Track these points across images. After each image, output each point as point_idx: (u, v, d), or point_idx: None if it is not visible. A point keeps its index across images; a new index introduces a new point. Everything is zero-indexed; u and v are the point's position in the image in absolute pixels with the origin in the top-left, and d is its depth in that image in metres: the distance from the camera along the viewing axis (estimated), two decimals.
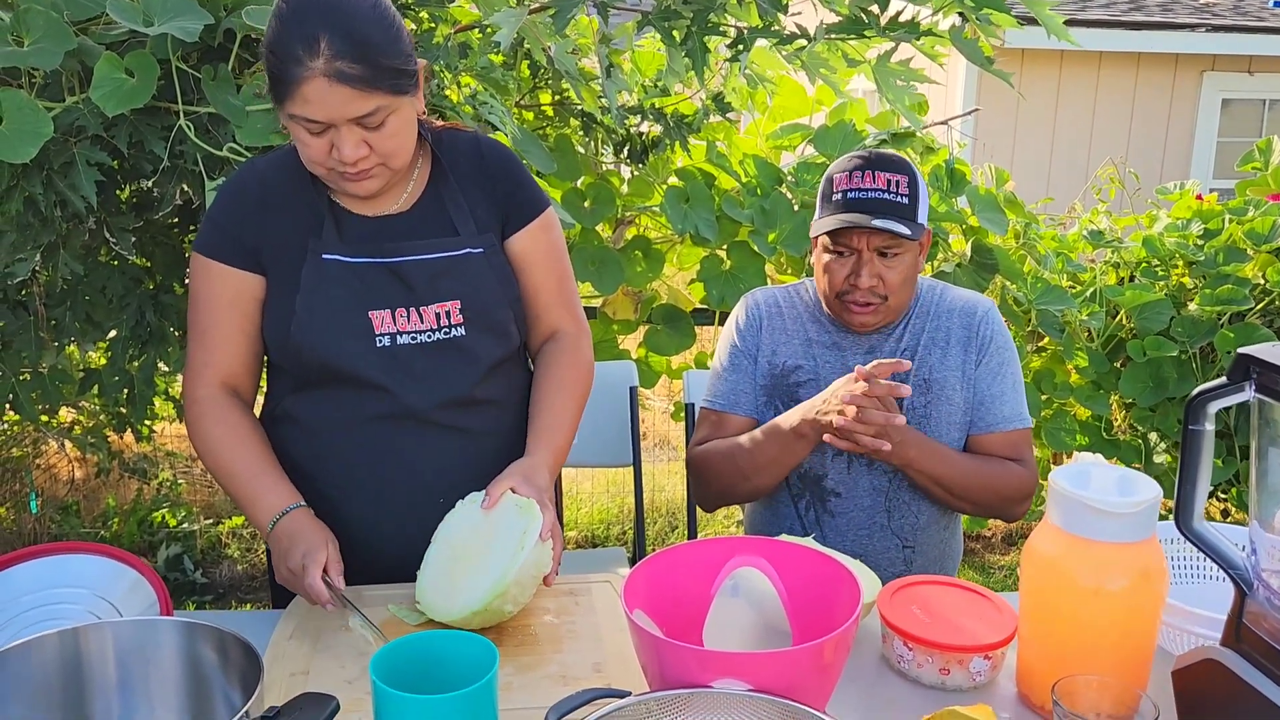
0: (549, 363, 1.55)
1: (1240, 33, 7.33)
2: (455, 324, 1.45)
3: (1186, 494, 1.12)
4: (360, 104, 1.28)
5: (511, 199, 1.51)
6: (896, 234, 1.64)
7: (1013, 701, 1.25)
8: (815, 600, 1.21)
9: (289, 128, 1.34)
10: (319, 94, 1.26)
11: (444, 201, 1.47)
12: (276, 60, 1.27)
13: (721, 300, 2.83)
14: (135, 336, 2.45)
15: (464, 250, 1.46)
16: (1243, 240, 3.13)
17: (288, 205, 1.44)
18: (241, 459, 1.44)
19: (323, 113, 1.28)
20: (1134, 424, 3.28)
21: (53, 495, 3.79)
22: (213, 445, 1.45)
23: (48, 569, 1.29)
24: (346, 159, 1.31)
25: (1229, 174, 6.81)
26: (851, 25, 1.84)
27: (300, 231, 1.43)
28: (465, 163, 1.49)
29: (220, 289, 1.44)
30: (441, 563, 1.35)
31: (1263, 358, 1.01)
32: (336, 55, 1.25)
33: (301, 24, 1.25)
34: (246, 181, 1.46)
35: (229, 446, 1.44)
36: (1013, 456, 1.76)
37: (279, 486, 1.43)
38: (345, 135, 1.30)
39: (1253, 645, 1.05)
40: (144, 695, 1.01)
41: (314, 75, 1.25)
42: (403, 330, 1.43)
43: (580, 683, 1.22)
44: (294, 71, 1.25)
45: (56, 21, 1.61)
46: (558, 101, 2.78)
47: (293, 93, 1.27)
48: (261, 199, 1.44)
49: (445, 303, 1.44)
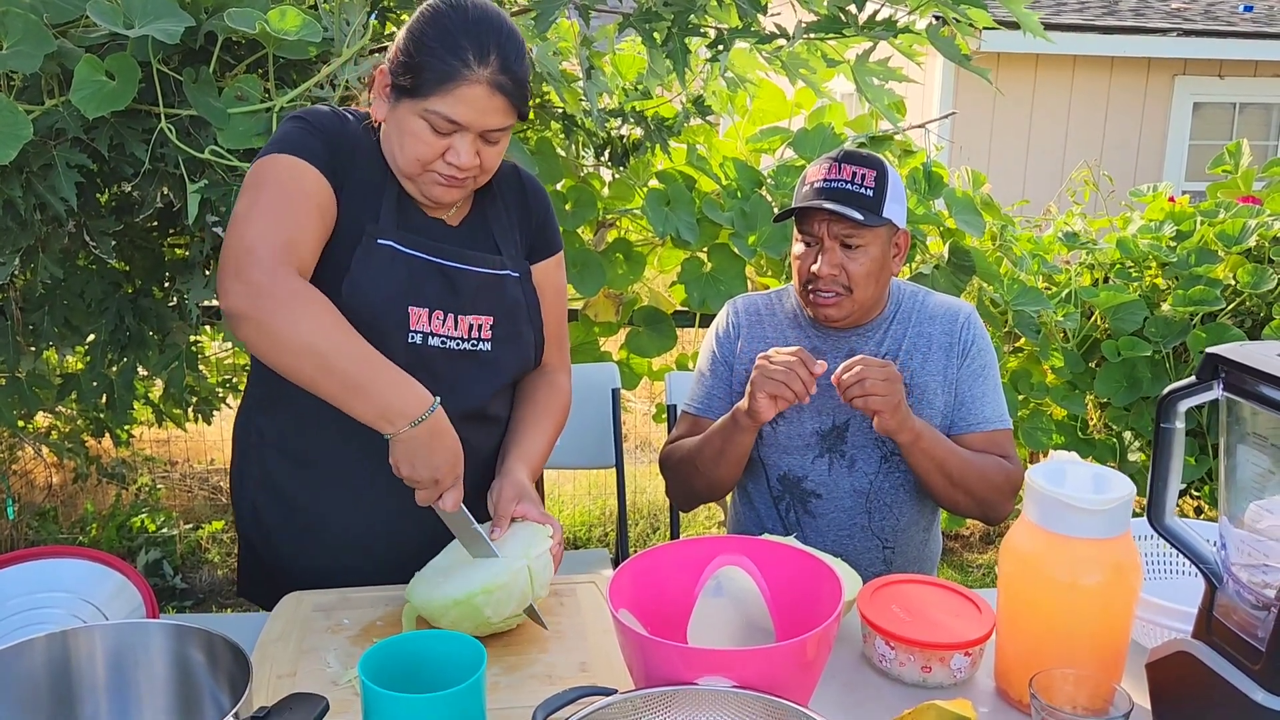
0: (534, 390, 1.59)
1: (1211, 37, 7.44)
2: (484, 339, 1.47)
3: (1158, 491, 1.14)
4: (502, 118, 1.34)
5: (540, 231, 1.57)
6: (848, 218, 1.66)
7: (991, 696, 1.27)
8: (797, 598, 1.23)
9: (406, 123, 1.33)
10: (477, 99, 1.30)
11: (489, 222, 1.51)
12: (437, 55, 1.29)
13: (702, 302, 2.85)
14: (114, 341, 2.44)
15: (505, 271, 1.50)
16: (1214, 242, 3.18)
17: (364, 167, 1.41)
18: (365, 345, 1.27)
19: (468, 117, 1.31)
20: (1109, 423, 3.33)
21: (30, 501, 3.75)
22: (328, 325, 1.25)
23: (32, 574, 1.29)
24: (463, 164, 1.34)
25: (1201, 176, 6.90)
26: (830, 24, 1.86)
27: (365, 203, 1.40)
28: (510, 191, 1.55)
29: (313, 189, 1.33)
30: (441, 563, 1.37)
31: (1230, 357, 1.04)
32: (503, 69, 1.31)
33: (476, 32, 1.30)
34: (344, 124, 1.41)
35: (348, 331, 1.27)
36: (997, 454, 1.77)
37: (413, 383, 1.28)
38: (469, 142, 1.34)
39: (1222, 637, 1.07)
40: (133, 698, 1.01)
41: (479, 81, 1.30)
42: (435, 332, 1.43)
43: (566, 682, 1.23)
44: (458, 71, 1.29)
45: (36, 24, 1.61)
46: (539, 104, 2.79)
47: (446, 91, 1.30)
48: (353, 142, 1.40)
49: (481, 316, 1.46)
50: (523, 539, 1.36)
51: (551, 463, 2.47)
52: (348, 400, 1.26)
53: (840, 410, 1.77)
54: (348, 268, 1.38)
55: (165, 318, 2.48)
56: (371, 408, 1.26)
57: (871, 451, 1.77)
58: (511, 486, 1.43)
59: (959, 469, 1.69)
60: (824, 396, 1.78)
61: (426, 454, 1.28)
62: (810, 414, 1.78)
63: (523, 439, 1.52)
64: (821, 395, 1.78)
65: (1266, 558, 1.04)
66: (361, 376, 1.25)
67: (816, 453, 1.78)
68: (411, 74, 1.32)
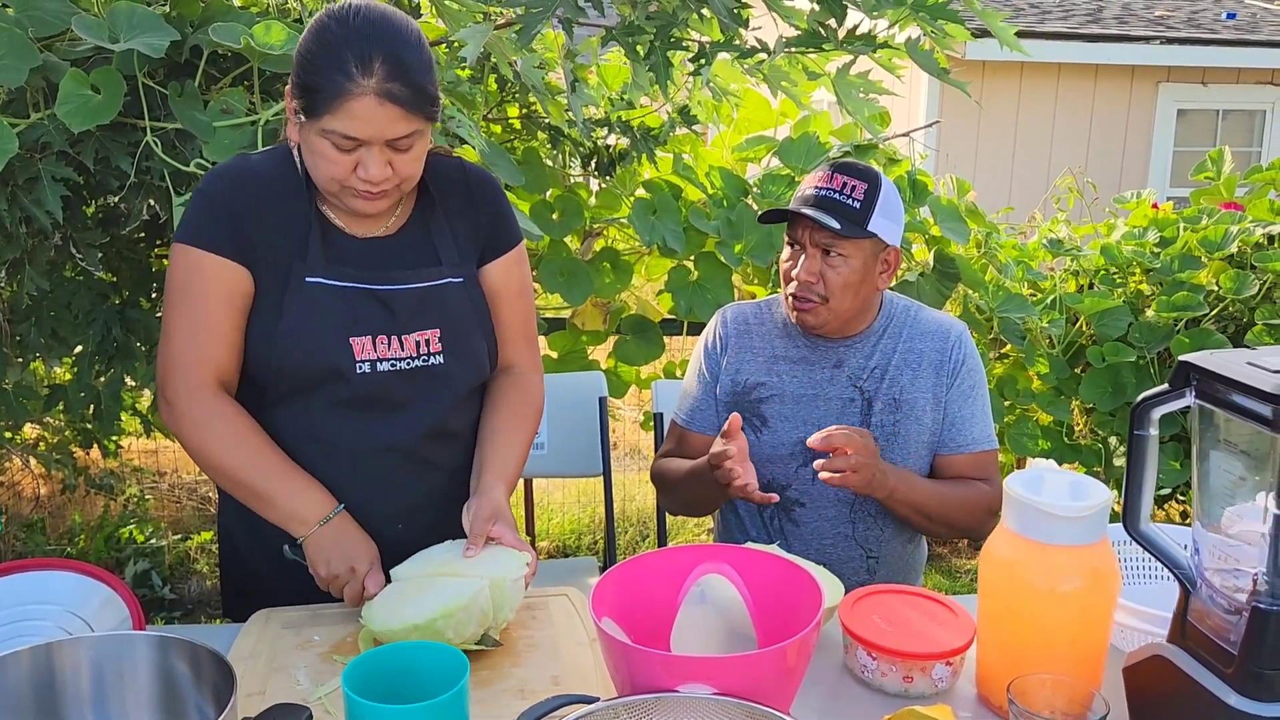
0: (503, 395, 1.56)
1: (1194, 45, 7.49)
2: (434, 352, 1.45)
3: (1133, 496, 1.16)
4: (401, 125, 1.30)
5: (493, 228, 1.53)
6: (826, 226, 1.67)
7: (972, 702, 1.28)
8: (779, 605, 1.24)
9: (311, 143, 1.33)
10: (367, 112, 1.28)
11: (429, 228, 1.48)
12: (322, 74, 1.27)
13: (689, 310, 2.86)
14: (101, 352, 2.45)
15: (444, 280, 1.46)
16: (1197, 248, 3.21)
17: (279, 214, 1.41)
18: (270, 458, 1.40)
19: (365, 131, 1.29)
20: (1094, 428, 3.35)
21: (17, 512, 3.74)
22: (227, 443, 1.38)
23: (18, 586, 1.29)
24: (373, 178, 1.32)
25: (1185, 182, 6.95)
26: (810, 39, 1.88)
27: (287, 244, 1.41)
28: (452, 191, 1.50)
29: (215, 283, 1.38)
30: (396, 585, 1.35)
31: (1202, 365, 1.06)
32: (389, 77, 1.28)
33: (357, 43, 1.27)
34: (243, 178, 1.42)
35: (253, 446, 1.39)
36: (980, 477, 1.79)
37: (316, 487, 1.41)
38: (375, 155, 1.31)
39: (1197, 641, 1.09)
40: (118, 710, 1.01)
41: (365, 93, 1.27)
42: (383, 357, 1.42)
43: (538, 696, 1.20)
44: (343, 86, 1.27)
45: (21, 38, 1.61)
46: (525, 115, 2.81)
47: (336, 108, 1.28)
48: (258, 198, 1.40)
49: (426, 331, 1.44)
50: (494, 560, 1.35)
51: (540, 471, 2.50)
52: (259, 508, 1.41)
53: (825, 420, 1.78)
54: (281, 312, 1.39)
55: (152, 329, 2.48)
56: (278, 515, 1.40)
57: None
58: (488, 505, 1.41)
59: (937, 507, 1.73)
60: (808, 406, 1.79)
61: (336, 548, 1.39)
62: (794, 423, 1.79)
63: (496, 453, 1.49)
64: (806, 405, 1.79)
65: (1239, 562, 1.05)
66: (265, 489, 1.39)
67: (800, 462, 1.79)
68: (304, 95, 1.30)
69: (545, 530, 3.94)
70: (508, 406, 1.55)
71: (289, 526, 1.40)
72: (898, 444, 1.77)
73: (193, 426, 1.39)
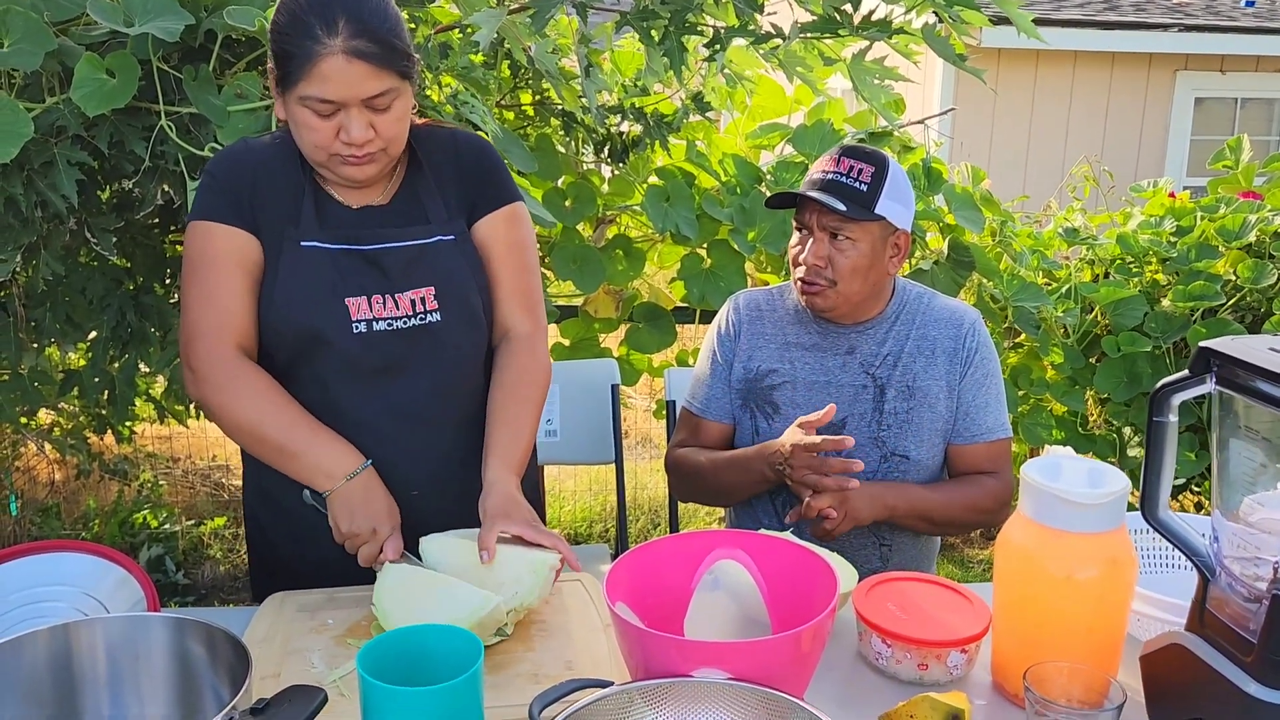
0: (503, 367, 1.53)
1: (1212, 32, 7.42)
2: (430, 309, 1.46)
3: (1151, 484, 1.15)
4: (374, 83, 1.32)
5: (479, 185, 1.53)
6: (831, 209, 1.66)
7: (987, 690, 1.28)
8: (793, 591, 1.24)
9: (294, 114, 1.36)
10: (337, 71, 1.30)
11: (419, 193, 1.50)
12: (291, 40, 1.30)
13: (702, 298, 2.85)
14: (116, 337, 2.45)
15: (435, 238, 1.48)
16: (1214, 237, 3.18)
17: (276, 188, 1.45)
18: (291, 414, 1.40)
19: (338, 91, 1.31)
20: (1109, 418, 3.33)
21: (32, 497, 3.77)
22: (252, 401, 1.39)
23: (35, 567, 1.30)
24: (355, 139, 1.34)
25: (1202, 171, 6.89)
26: (825, 24, 1.86)
27: (282, 217, 1.44)
28: (440, 154, 1.52)
29: (225, 250, 1.42)
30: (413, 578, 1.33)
31: (1223, 351, 1.05)
32: (354, 34, 1.30)
33: (319, 6, 1.30)
34: (242, 155, 1.47)
35: (274, 404, 1.40)
36: (992, 468, 1.79)
37: (343, 443, 1.42)
38: (355, 116, 1.33)
39: (1215, 630, 1.08)
40: (134, 690, 1.02)
41: (333, 52, 1.29)
42: (379, 316, 1.44)
43: (552, 680, 1.21)
44: (311, 50, 1.29)
45: (36, 22, 1.61)
46: (538, 101, 2.80)
47: (308, 72, 1.30)
48: (254, 175, 1.45)
49: (420, 289, 1.46)
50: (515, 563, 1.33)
51: (552, 458, 2.50)
52: (285, 464, 1.41)
53: (840, 408, 1.77)
54: (276, 275, 1.42)
55: (166, 314, 2.49)
56: (304, 469, 1.40)
57: (870, 450, 1.77)
58: (497, 503, 1.38)
59: (942, 513, 1.74)
60: (820, 393, 1.78)
61: (363, 506, 1.38)
62: (806, 410, 1.77)
63: (501, 437, 1.46)
64: (818, 391, 1.79)
65: (1259, 551, 1.04)
66: (290, 443, 1.39)
67: None
68: (279, 66, 1.34)
69: (557, 518, 3.95)
70: (508, 383, 1.51)
71: (314, 481, 1.40)
72: (911, 432, 1.76)
73: (215, 389, 1.40)
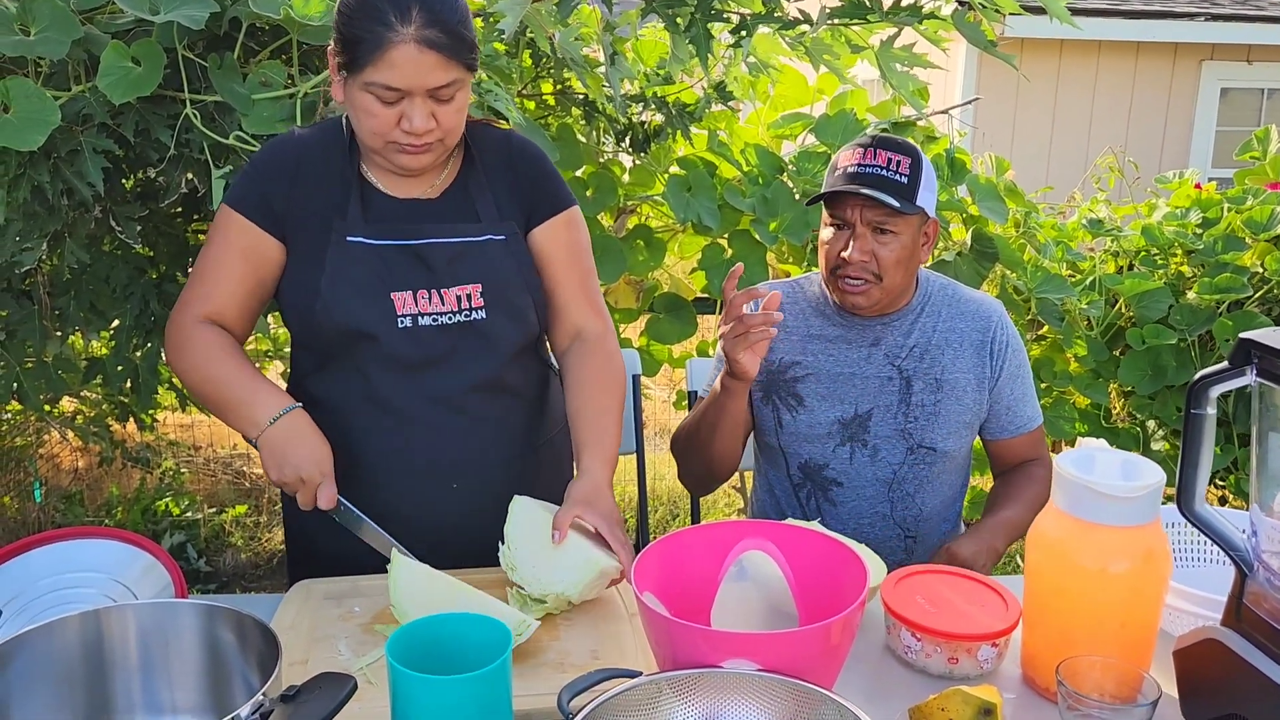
0: (581, 366, 1.54)
1: (1239, 21, 7.33)
2: (476, 307, 1.47)
3: (1188, 477, 1.13)
4: (442, 73, 1.32)
5: (536, 192, 1.53)
6: (885, 204, 1.64)
7: (1017, 683, 1.27)
8: (822, 583, 1.23)
9: (355, 99, 1.36)
10: (408, 60, 1.30)
11: (470, 190, 1.50)
12: (362, 25, 1.30)
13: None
14: (139, 326, 2.46)
15: (485, 236, 1.48)
16: (1241, 229, 3.14)
17: (320, 179, 1.46)
18: (232, 365, 1.44)
19: (406, 80, 1.31)
20: (1133, 412, 3.30)
21: (56, 484, 3.80)
22: (200, 354, 1.44)
23: (64, 553, 1.31)
24: (417, 129, 1.34)
25: (1228, 163, 6.81)
26: (854, 9, 1.84)
27: (327, 208, 1.45)
28: (494, 155, 1.52)
29: (236, 238, 1.46)
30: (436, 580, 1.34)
31: (1264, 342, 1.03)
32: (427, 24, 1.30)
33: None
34: (285, 148, 1.49)
35: (219, 355, 1.44)
36: (1034, 454, 1.84)
37: (275, 390, 1.44)
38: (418, 105, 1.34)
39: (1253, 625, 1.06)
40: (164, 676, 1.02)
41: (405, 40, 1.29)
42: (424, 311, 1.44)
43: (579, 669, 1.22)
44: (383, 36, 1.29)
45: (63, 10, 1.61)
46: (560, 91, 2.78)
47: (378, 58, 1.30)
48: (296, 168, 1.46)
49: (466, 286, 1.46)
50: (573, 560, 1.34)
51: None
52: (224, 416, 1.46)
53: (863, 399, 1.76)
54: (323, 267, 1.43)
55: None
56: (237, 419, 1.43)
57: (897, 443, 1.76)
58: (582, 488, 1.41)
59: (1025, 523, 1.70)
60: (845, 385, 1.77)
61: (287, 453, 1.39)
62: (831, 402, 1.77)
63: (590, 431, 1.47)
64: (842, 383, 1.77)
65: None
66: (227, 396, 1.43)
67: (838, 441, 1.77)
68: (345, 50, 1.33)
69: None
70: (589, 378, 1.53)
71: (246, 431, 1.43)
72: (938, 424, 1.75)
73: (174, 351, 1.47)
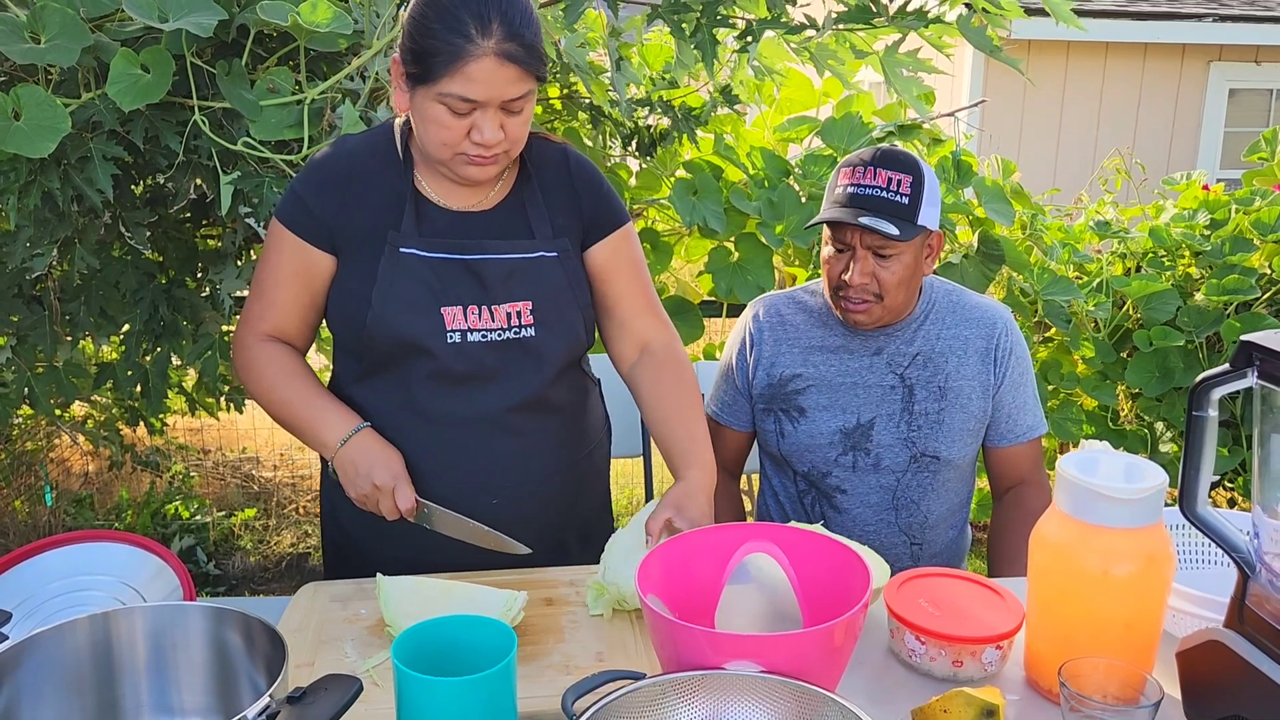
0: (658, 378, 1.54)
1: (1248, 22, 7.30)
2: (525, 324, 1.46)
3: (1190, 479, 1.13)
4: (518, 86, 1.31)
5: (595, 210, 1.53)
6: (883, 234, 1.63)
7: (1020, 685, 1.27)
8: (825, 585, 1.23)
9: (424, 110, 1.33)
10: (487, 73, 1.28)
11: (524, 205, 1.49)
12: (439, 36, 1.28)
13: (729, 292, 2.84)
14: (148, 331, 2.48)
15: (538, 253, 1.47)
16: (1249, 230, 3.14)
17: (372, 189, 1.45)
18: (300, 386, 1.48)
19: (484, 92, 1.30)
20: (1140, 414, 3.29)
21: (66, 488, 3.82)
22: (269, 378, 1.48)
23: (74, 557, 1.32)
24: (488, 141, 1.33)
25: (1236, 164, 6.79)
26: (859, 14, 1.85)
27: (380, 218, 1.44)
28: (551, 171, 1.51)
29: (289, 257, 1.48)
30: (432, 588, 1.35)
31: (1265, 345, 1.03)
32: (507, 36, 1.28)
33: (473, 3, 1.28)
34: (336, 159, 1.47)
35: (286, 377, 1.48)
36: (1031, 469, 1.80)
37: (342, 409, 1.47)
38: (490, 117, 1.32)
39: (1255, 627, 1.07)
40: (172, 678, 1.03)
41: (485, 54, 1.27)
42: (474, 328, 1.44)
43: (583, 672, 1.23)
44: (462, 48, 1.27)
45: (73, 18, 1.63)
46: (565, 95, 2.79)
47: (455, 71, 1.28)
48: (348, 179, 1.45)
49: (517, 303, 1.45)
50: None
51: None
52: (300, 438, 1.50)
53: (865, 408, 1.76)
54: (375, 278, 1.43)
55: (198, 308, 2.51)
56: (311, 441, 1.48)
57: (900, 451, 1.76)
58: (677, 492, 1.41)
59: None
60: (847, 394, 1.77)
61: (361, 468, 1.41)
62: (833, 412, 1.77)
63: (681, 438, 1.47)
64: (845, 393, 1.77)
65: None
66: (297, 418, 1.47)
67: (840, 450, 1.77)
68: (419, 60, 1.30)
69: None
70: (671, 388, 1.53)
71: (323, 454, 1.47)
72: (943, 432, 1.75)
73: (244, 371, 1.51)
